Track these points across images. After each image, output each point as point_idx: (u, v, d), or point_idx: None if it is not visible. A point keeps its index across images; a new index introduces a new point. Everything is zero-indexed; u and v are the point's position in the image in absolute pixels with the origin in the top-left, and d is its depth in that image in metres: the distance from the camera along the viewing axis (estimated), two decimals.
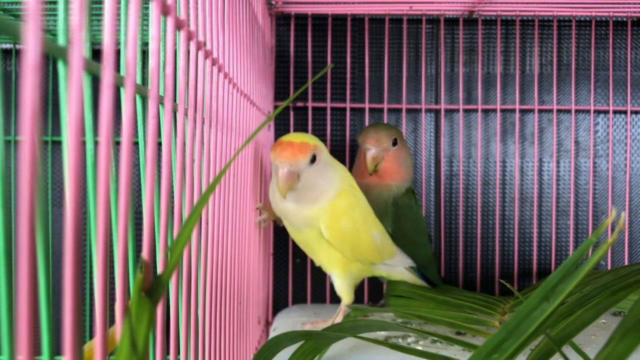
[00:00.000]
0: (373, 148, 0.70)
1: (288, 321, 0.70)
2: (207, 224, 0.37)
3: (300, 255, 0.83)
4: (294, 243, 0.70)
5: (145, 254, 0.24)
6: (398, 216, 0.72)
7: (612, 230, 0.88)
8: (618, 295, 0.35)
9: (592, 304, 0.34)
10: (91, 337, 0.83)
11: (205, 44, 0.35)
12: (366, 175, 0.72)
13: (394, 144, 0.72)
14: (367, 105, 0.86)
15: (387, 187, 0.72)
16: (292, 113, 0.87)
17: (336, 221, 0.58)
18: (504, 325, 0.29)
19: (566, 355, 0.28)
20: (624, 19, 0.87)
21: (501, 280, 0.49)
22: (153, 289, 0.22)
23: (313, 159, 0.55)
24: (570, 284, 0.27)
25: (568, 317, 0.34)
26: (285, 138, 0.56)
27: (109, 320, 0.21)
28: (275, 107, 0.86)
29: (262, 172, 0.68)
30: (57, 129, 0.84)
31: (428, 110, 0.88)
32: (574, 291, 0.45)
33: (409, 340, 0.60)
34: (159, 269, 0.27)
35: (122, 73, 0.25)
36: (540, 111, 0.87)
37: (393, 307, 0.61)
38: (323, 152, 0.57)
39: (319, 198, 0.57)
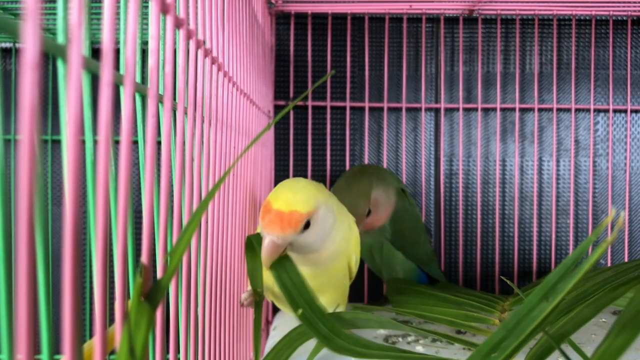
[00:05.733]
0: (365, 232, 0.68)
1: (288, 320, 0.70)
2: (207, 223, 0.37)
3: None
4: None
5: (144, 257, 0.24)
6: (395, 221, 0.72)
7: (612, 228, 0.88)
8: (617, 291, 0.35)
9: (591, 300, 0.34)
10: (91, 335, 0.83)
11: (204, 42, 0.35)
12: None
13: (372, 209, 0.69)
14: (367, 104, 0.86)
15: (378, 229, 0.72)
16: (292, 112, 0.86)
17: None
18: (503, 324, 0.29)
19: (565, 353, 0.28)
20: (624, 18, 0.87)
21: (502, 277, 0.49)
22: (152, 293, 0.22)
23: (307, 225, 0.45)
24: (570, 282, 0.27)
25: (567, 314, 0.34)
26: (275, 202, 0.45)
27: (109, 318, 0.21)
28: (275, 106, 0.85)
29: (261, 173, 0.68)
30: (56, 127, 0.84)
31: (428, 109, 0.88)
32: (573, 288, 0.45)
33: (409, 339, 0.60)
34: (159, 270, 0.27)
35: (121, 72, 0.25)
36: (540, 110, 0.87)
37: (394, 304, 0.61)
38: (320, 209, 0.47)
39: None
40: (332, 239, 0.50)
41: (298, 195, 0.45)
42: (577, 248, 0.28)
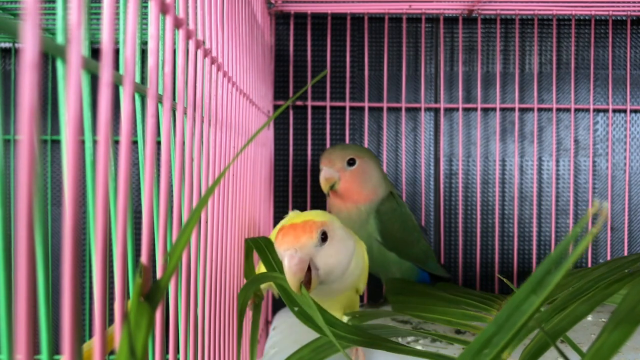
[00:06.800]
0: (325, 169, 0.70)
1: (288, 320, 0.70)
2: (207, 223, 0.37)
3: None
4: None
5: (144, 257, 0.24)
6: (383, 223, 0.71)
7: (612, 228, 0.88)
8: (612, 288, 0.35)
9: (585, 297, 0.34)
10: (91, 335, 0.83)
11: (204, 42, 0.35)
12: (338, 199, 0.72)
13: (351, 163, 0.70)
14: (366, 104, 0.86)
15: (356, 209, 0.72)
16: (291, 112, 0.87)
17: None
18: (493, 319, 0.29)
19: (560, 349, 0.28)
20: (624, 18, 0.87)
21: (499, 276, 0.49)
22: (152, 293, 0.22)
23: (324, 238, 0.44)
24: (557, 275, 0.27)
25: (562, 311, 0.34)
26: (288, 222, 0.45)
27: (109, 318, 0.21)
28: (275, 106, 0.85)
29: (261, 173, 0.68)
30: (56, 127, 0.84)
31: (427, 109, 0.88)
32: (568, 285, 0.45)
33: (409, 339, 0.60)
34: (158, 270, 0.27)
35: (121, 72, 0.25)
36: (540, 110, 0.87)
37: (393, 305, 0.61)
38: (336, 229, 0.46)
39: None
40: (351, 272, 0.48)
41: (310, 213, 0.45)
42: (562, 242, 0.28)
